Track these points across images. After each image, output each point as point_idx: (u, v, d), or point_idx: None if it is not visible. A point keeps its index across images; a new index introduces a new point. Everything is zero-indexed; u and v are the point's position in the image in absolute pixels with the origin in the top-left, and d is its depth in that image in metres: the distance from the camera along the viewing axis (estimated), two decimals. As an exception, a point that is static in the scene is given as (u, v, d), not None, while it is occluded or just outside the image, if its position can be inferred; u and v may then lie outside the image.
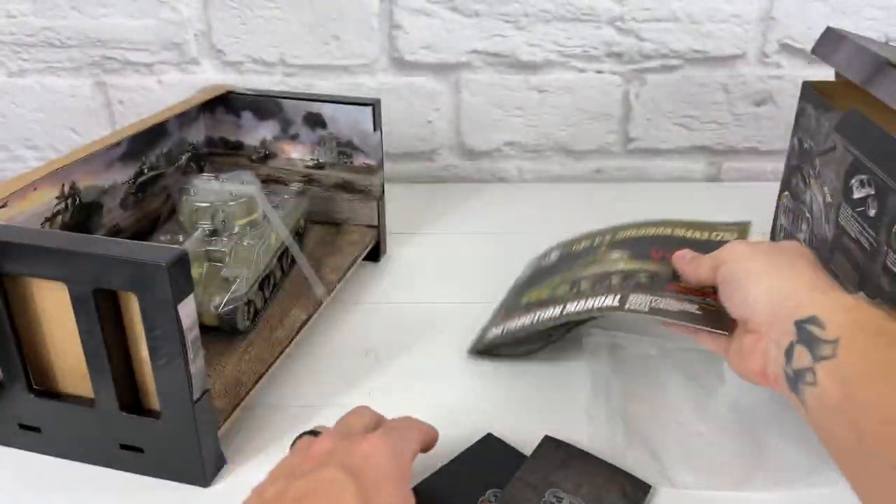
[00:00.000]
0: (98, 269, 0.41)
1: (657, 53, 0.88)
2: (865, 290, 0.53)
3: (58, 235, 0.44)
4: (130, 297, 0.43)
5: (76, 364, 0.46)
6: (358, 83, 0.89)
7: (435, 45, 0.87)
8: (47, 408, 0.47)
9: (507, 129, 0.92)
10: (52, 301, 0.44)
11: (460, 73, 0.89)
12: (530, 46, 0.87)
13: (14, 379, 0.46)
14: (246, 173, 0.65)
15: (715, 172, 0.96)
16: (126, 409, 0.45)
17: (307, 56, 0.88)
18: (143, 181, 0.63)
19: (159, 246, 0.41)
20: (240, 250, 0.58)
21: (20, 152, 0.93)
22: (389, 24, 0.86)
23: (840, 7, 0.86)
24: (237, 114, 0.71)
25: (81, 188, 0.55)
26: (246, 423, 0.52)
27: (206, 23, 0.86)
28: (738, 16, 0.86)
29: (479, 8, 0.85)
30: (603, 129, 0.92)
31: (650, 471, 0.47)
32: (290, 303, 0.61)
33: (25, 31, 0.86)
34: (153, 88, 0.90)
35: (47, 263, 0.42)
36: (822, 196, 0.61)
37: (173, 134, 0.67)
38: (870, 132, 0.54)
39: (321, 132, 0.70)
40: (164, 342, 0.42)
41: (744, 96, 0.90)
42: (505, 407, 0.53)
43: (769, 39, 0.87)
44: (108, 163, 0.59)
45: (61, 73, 0.89)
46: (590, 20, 0.86)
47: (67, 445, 0.48)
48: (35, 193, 0.50)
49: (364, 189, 0.71)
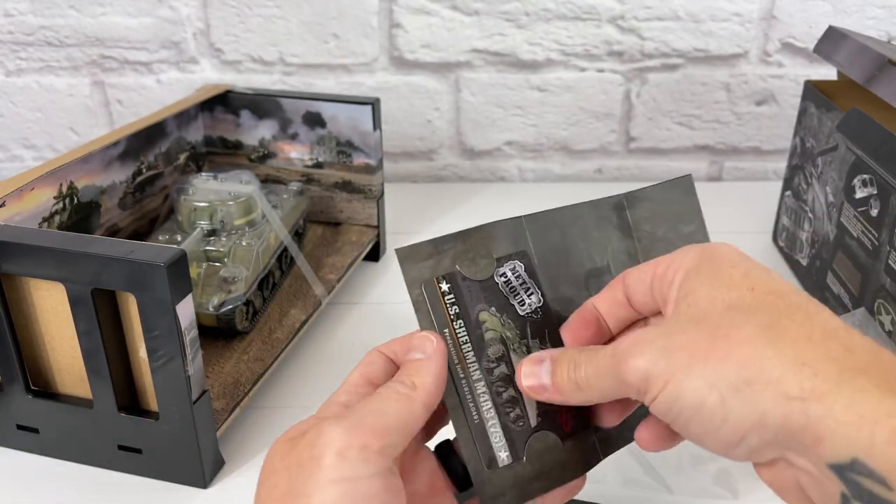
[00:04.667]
0: (96, 269, 0.40)
1: (658, 52, 0.87)
2: (867, 289, 0.53)
3: (56, 235, 0.43)
4: (129, 297, 0.42)
5: (74, 364, 0.45)
6: (357, 82, 0.89)
7: (435, 44, 0.87)
8: (45, 408, 0.47)
9: (507, 129, 0.92)
10: (50, 301, 0.44)
11: (460, 72, 0.88)
12: (531, 45, 0.87)
13: (12, 380, 0.46)
14: (245, 173, 0.65)
15: (717, 172, 0.95)
16: (124, 409, 0.45)
17: (306, 55, 0.88)
18: (141, 181, 0.63)
19: (158, 246, 0.41)
20: (238, 250, 0.58)
21: (18, 152, 0.93)
22: (389, 22, 0.86)
23: (842, 6, 0.85)
24: (236, 113, 0.71)
25: (79, 188, 0.55)
26: (245, 424, 0.52)
27: (204, 21, 0.86)
28: (740, 14, 0.85)
29: (479, 6, 0.85)
30: (604, 129, 0.92)
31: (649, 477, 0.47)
32: (290, 303, 0.61)
33: (23, 29, 0.86)
34: (151, 87, 0.89)
35: (45, 263, 0.42)
36: (824, 195, 0.61)
37: (172, 133, 0.67)
38: (872, 131, 0.54)
39: (320, 131, 0.69)
40: (162, 342, 0.42)
41: (745, 95, 0.90)
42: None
43: (771, 38, 0.87)
44: (107, 162, 0.58)
45: (59, 73, 0.88)
46: (591, 19, 0.86)
47: (65, 446, 0.48)
48: (33, 193, 0.49)
49: (363, 188, 0.71)
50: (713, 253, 0.31)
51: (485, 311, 0.35)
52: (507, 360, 0.35)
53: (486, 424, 0.34)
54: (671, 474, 0.47)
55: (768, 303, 0.29)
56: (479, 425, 0.34)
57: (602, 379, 0.31)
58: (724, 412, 0.27)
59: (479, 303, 0.35)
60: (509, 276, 0.36)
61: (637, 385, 0.29)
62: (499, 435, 0.34)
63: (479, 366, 0.34)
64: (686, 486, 0.46)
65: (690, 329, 0.29)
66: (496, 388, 0.34)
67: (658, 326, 0.30)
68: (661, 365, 0.28)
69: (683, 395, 0.28)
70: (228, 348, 0.55)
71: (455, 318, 0.34)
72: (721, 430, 0.27)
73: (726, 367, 0.27)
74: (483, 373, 0.34)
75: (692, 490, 0.46)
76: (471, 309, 0.35)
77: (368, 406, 0.31)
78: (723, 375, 0.27)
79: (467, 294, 0.35)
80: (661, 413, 0.29)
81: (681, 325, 0.29)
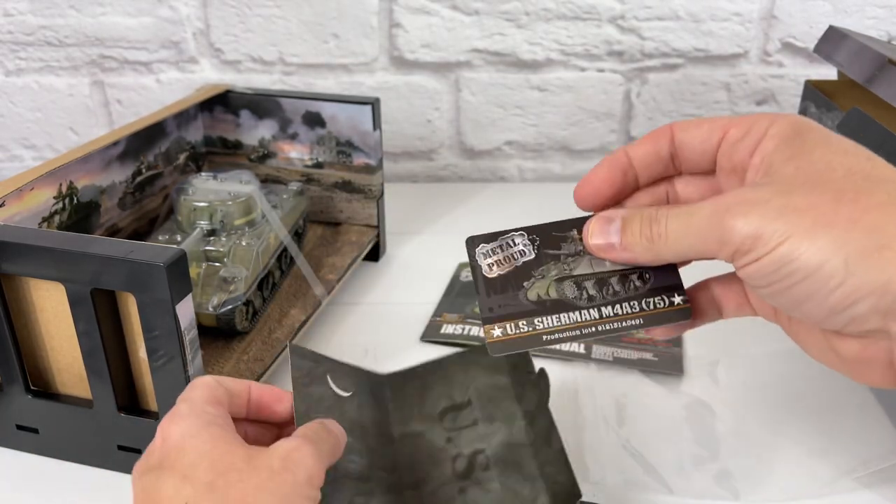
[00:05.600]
0: (96, 269, 0.40)
1: (658, 52, 0.87)
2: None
3: (55, 235, 0.43)
4: (128, 297, 0.42)
5: (74, 364, 0.45)
6: (357, 82, 0.89)
7: (435, 44, 0.87)
8: (45, 409, 0.47)
9: (507, 129, 0.92)
10: (50, 301, 0.44)
11: (460, 71, 0.88)
12: (531, 45, 0.87)
13: (11, 380, 0.46)
14: (244, 173, 0.65)
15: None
16: (124, 409, 0.45)
17: (306, 55, 0.87)
18: (141, 181, 0.63)
19: (157, 246, 0.41)
20: (238, 250, 0.58)
21: (18, 152, 0.93)
22: (389, 22, 0.86)
23: (842, 6, 0.85)
24: (236, 113, 0.70)
25: (79, 188, 0.55)
26: (245, 425, 0.52)
27: (204, 21, 0.86)
28: (740, 14, 0.85)
29: (479, 6, 0.85)
30: (604, 129, 0.92)
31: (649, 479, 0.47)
32: (289, 303, 0.61)
33: (23, 29, 0.86)
34: (151, 87, 0.89)
35: (45, 263, 0.41)
36: (824, 195, 0.61)
37: (171, 133, 0.67)
38: (872, 131, 0.53)
39: (320, 131, 0.69)
40: (162, 343, 0.42)
41: (745, 95, 0.90)
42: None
43: (771, 38, 0.87)
44: (106, 162, 0.58)
45: (59, 73, 0.88)
46: (591, 18, 0.86)
47: (65, 446, 0.48)
48: (32, 193, 0.49)
49: (363, 188, 0.71)
50: (810, 123, 0.31)
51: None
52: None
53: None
54: (671, 474, 0.47)
55: (889, 174, 0.29)
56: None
57: (688, 236, 0.30)
58: (844, 276, 0.27)
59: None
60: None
61: (739, 244, 0.28)
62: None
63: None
64: (686, 487, 0.46)
65: (809, 192, 0.28)
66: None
67: (766, 186, 0.29)
68: (777, 225, 0.28)
69: (802, 257, 0.27)
70: (228, 348, 0.55)
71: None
72: (833, 294, 0.27)
73: (855, 232, 0.27)
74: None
75: (692, 490, 0.46)
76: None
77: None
78: (850, 239, 0.27)
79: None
80: (762, 274, 0.29)
81: (795, 187, 0.29)
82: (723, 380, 0.55)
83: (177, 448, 0.32)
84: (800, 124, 0.31)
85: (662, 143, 0.34)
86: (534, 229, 0.36)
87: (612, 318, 0.34)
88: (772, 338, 0.59)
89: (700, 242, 0.30)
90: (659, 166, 0.34)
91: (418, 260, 0.74)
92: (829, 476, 0.47)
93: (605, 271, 0.35)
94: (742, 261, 0.29)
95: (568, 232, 0.36)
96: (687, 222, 0.30)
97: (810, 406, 0.53)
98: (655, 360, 0.56)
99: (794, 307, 0.29)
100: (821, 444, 0.49)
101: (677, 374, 0.55)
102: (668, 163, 0.34)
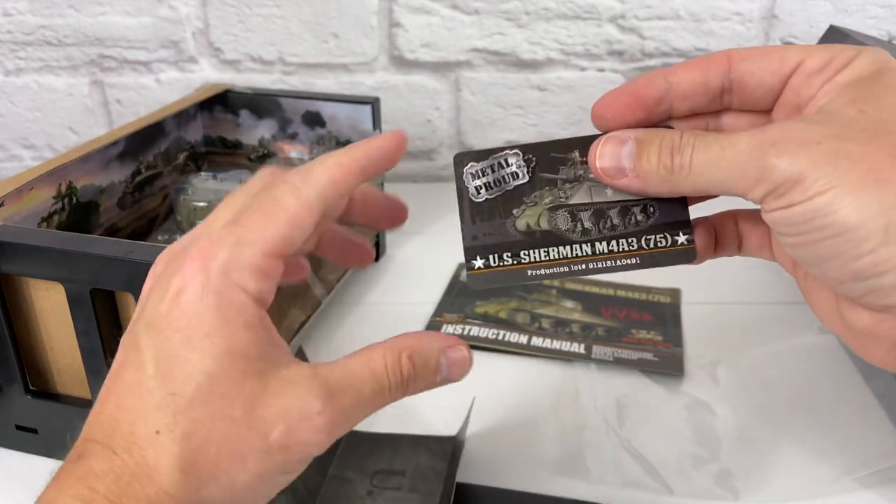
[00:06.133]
0: (95, 269, 0.40)
1: (659, 52, 0.87)
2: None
3: (54, 235, 0.43)
4: (128, 297, 0.42)
5: (73, 365, 0.45)
6: (357, 81, 0.89)
7: (435, 44, 0.87)
8: (44, 409, 0.47)
9: (507, 128, 0.92)
10: (49, 301, 0.44)
11: (460, 71, 0.88)
12: (531, 45, 0.87)
13: (11, 380, 0.46)
14: (244, 173, 0.65)
15: (716, 171, 0.95)
16: (123, 410, 0.45)
17: (306, 54, 0.87)
18: (140, 180, 0.63)
19: (157, 246, 0.41)
20: (238, 250, 0.58)
21: (17, 151, 0.93)
22: (389, 22, 0.86)
23: (843, 5, 0.85)
24: (235, 112, 0.70)
25: (78, 187, 0.55)
26: (245, 425, 0.52)
27: (204, 21, 0.85)
28: (741, 14, 0.85)
29: (479, 6, 0.85)
30: (603, 128, 0.92)
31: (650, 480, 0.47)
32: (290, 303, 0.61)
33: (22, 29, 0.86)
34: (151, 87, 0.89)
35: (44, 263, 0.41)
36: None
37: (171, 133, 0.67)
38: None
39: (320, 131, 0.69)
40: (161, 343, 0.41)
41: (745, 95, 0.90)
42: (509, 404, 0.53)
43: (772, 38, 0.87)
44: (106, 162, 0.58)
45: (58, 72, 0.88)
46: (591, 18, 0.86)
47: (65, 447, 0.48)
48: (31, 193, 0.49)
49: (364, 188, 0.71)
50: (893, 64, 0.27)
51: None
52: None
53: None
54: (671, 475, 0.47)
55: None
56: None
57: (720, 170, 0.27)
58: (879, 242, 0.24)
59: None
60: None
61: (776, 185, 0.25)
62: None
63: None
64: (686, 487, 0.46)
65: (867, 141, 0.25)
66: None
67: (819, 125, 0.26)
68: (825, 170, 0.25)
69: (840, 212, 0.24)
70: (228, 348, 0.55)
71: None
72: (862, 259, 0.25)
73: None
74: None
75: (693, 491, 0.46)
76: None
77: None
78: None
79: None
80: (791, 223, 0.26)
81: (853, 133, 0.25)
82: (723, 380, 0.55)
83: (182, 334, 0.27)
84: (883, 63, 0.27)
85: (714, 73, 0.29)
86: (531, 148, 0.32)
87: (605, 256, 0.31)
88: (772, 338, 0.59)
89: (732, 178, 0.26)
90: (703, 99, 0.29)
91: (418, 260, 0.74)
92: (830, 476, 0.46)
93: (604, 202, 0.31)
94: (773, 204, 0.26)
95: (569, 153, 0.32)
96: (720, 154, 0.26)
97: (811, 406, 0.53)
98: (656, 360, 0.56)
99: (815, 263, 0.26)
100: (821, 444, 0.49)
101: (677, 374, 0.55)
102: (714, 96, 0.29)
